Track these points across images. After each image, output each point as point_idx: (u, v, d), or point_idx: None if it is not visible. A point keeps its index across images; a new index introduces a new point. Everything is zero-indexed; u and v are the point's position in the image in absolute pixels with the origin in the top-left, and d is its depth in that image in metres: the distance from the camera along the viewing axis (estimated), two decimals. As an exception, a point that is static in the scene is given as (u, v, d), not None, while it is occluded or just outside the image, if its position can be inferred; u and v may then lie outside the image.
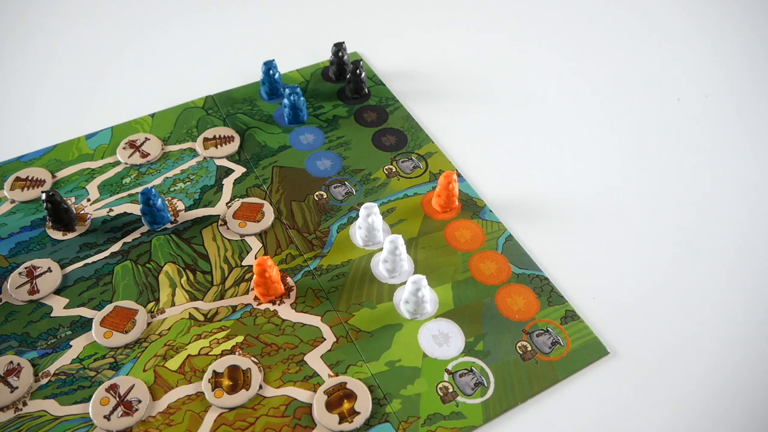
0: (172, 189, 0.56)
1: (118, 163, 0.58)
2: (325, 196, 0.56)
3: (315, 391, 0.43)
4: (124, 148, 0.59)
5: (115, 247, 0.51)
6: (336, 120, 0.62)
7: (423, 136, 0.61)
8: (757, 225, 0.55)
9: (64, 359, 0.45)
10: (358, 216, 0.53)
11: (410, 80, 0.68)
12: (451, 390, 0.44)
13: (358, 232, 0.52)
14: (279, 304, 0.48)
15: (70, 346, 0.46)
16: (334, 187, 0.56)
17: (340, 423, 0.42)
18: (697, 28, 0.76)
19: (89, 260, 0.51)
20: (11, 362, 0.44)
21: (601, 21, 0.77)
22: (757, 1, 0.80)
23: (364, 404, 0.42)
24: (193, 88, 0.65)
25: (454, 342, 0.46)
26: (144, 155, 0.58)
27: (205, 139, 0.60)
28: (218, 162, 0.58)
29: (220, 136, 0.60)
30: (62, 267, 0.50)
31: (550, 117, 0.64)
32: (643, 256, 0.52)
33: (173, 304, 0.48)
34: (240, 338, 0.46)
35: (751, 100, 0.67)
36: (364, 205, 0.50)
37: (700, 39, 0.75)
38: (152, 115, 0.62)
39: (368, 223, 0.50)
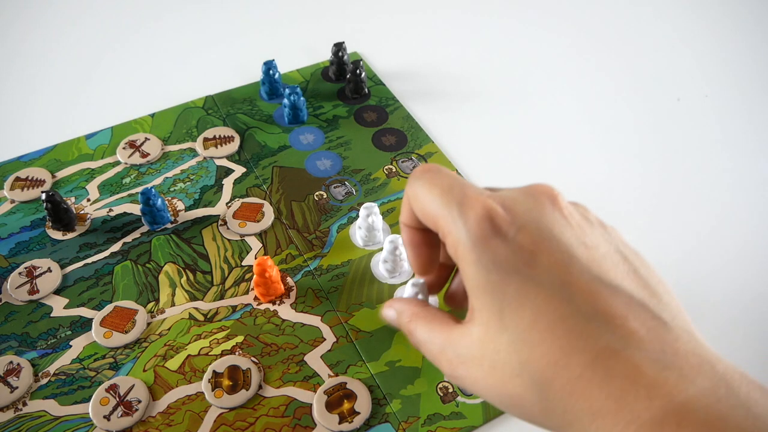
0: (172, 189, 0.56)
1: (118, 163, 0.58)
2: (325, 196, 0.56)
3: (315, 391, 0.43)
4: (124, 148, 0.59)
5: (115, 247, 0.51)
6: (336, 120, 0.62)
7: (423, 136, 0.61)
8: (757, 224, 0.55)
9: (64, 359, 0.45)
10: (358, 216, 0.53)
11: (410, 80, 0.68)
12: (451, 390, 0.44)
13: (358, 232, 0.52)
14: (279, 304, 0.48)
15: (70, 346, 0.46)
16: (334, 187, 0.56)
17: (340, 423, 0.42)
18: (697, 27, 0.76)
19: (89, 260, 0.51)
20: (11, 362, 0.44)
21: (602, 21, 0.77)
22: (757, 1, 0.80)
23: (364, 404, 0.42)
24: (193, 88, 0.65)
25: (454, 342, 0.46)
26: (144, 155, 0.58)
27: (205, 139, 0.60)
28: (218, 162, 0.58)
29: (220, 136, 0.60)
30: (62, 267, 0.50)
31: (550, 117, 0.64)
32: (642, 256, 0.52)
33: (173, 304, 0.48)
34: (240, 338, 0.46)
35: (752, 100, 0.67)
36: (364, 205, 0.50)
37: (700, 38, 0.75)
38: (152, 115, 0.62)
39: (368, 223, 0.50)
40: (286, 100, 0.60)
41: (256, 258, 0.50)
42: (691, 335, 0.24)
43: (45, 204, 0.51)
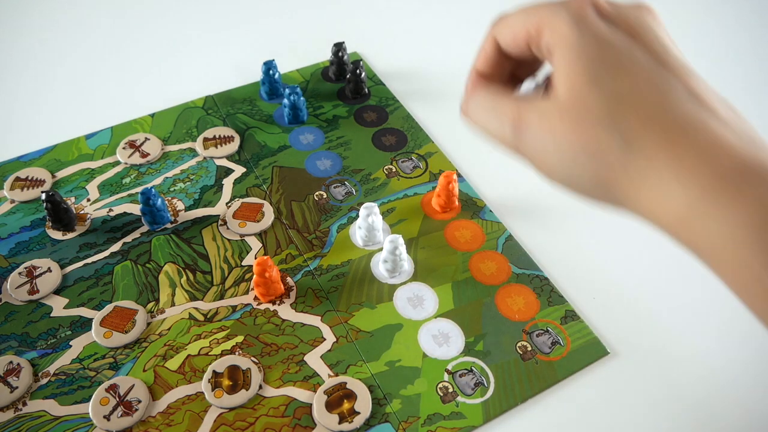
0: (172, 189, 0.56)
1: (118, 163, 0.58)
2: (325, 196, 0.56)
3: (315, 391, 0.43)
4: (124, 148, 0.59)
5: (115, 247, 0.51)
6: (336, 120, 0.62)
7: (423, 136, 0.61)
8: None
9: (64, 359, 0.45)
10: (358, 216, 0.53)
11: (410, 80, 0.68)
12: (451, 390, 0.44)
13: (358, 232, 0.52)
14: (279, 304, 0.48)
15: (70, 346, 0.46)
16: (334, 187, 0.56)
17: (340, 423, 0.42)
18: (697, 27, 0.76)
19: (89, 260, 0.51)
20: (11, 362, 0.44)
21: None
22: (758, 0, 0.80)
23: (364, 404, 0.42)
24: (193, 88, 0.65)
25: (454, 342, 0.46)
26: (144, 155, 0.58)
27: (205, 139, 0.60)
28: (218, 162, 0.58)
29: (220, 136, 0.60)
30: (62, 267, 0.50)
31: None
32: (643, 256, 0.52)
33: (173, 304, 0.48)
34: (240, 338, 0.46)
35: (752, 99, 0.67)
36: (364, 205, 0.50)
37: (700, 38, 0.75)
38: (152, 115, 0.62)
39: (368, 223, 0.50)
40: (286, 100, 0.60)
41: (256, 258, 0.50)
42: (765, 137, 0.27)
43: (45, 204, 0.51)
